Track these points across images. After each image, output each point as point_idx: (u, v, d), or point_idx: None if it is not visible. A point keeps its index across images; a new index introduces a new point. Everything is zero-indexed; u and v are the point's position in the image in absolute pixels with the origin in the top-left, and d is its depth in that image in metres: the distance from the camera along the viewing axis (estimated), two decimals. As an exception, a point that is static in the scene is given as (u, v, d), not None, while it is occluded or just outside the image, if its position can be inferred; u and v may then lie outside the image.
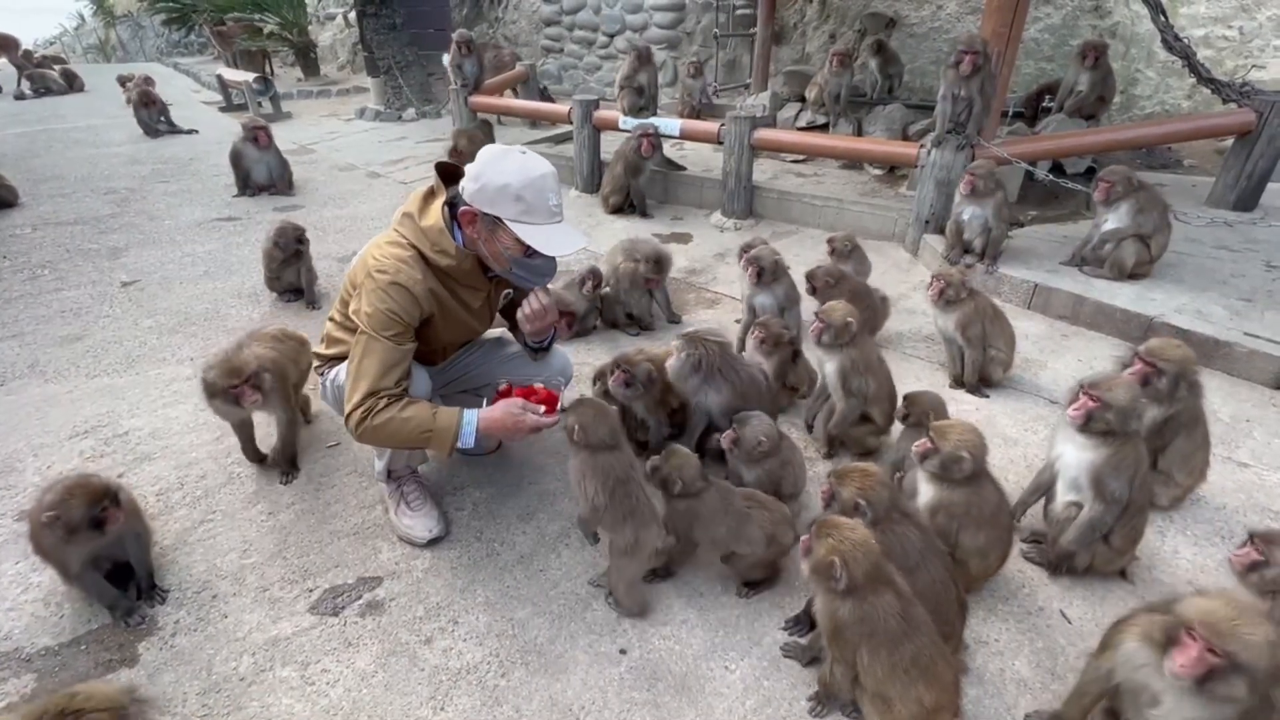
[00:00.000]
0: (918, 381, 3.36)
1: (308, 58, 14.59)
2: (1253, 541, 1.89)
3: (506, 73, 8.64)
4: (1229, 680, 1.37)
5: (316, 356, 2.56)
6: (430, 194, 2.24)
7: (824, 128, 7.05)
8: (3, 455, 2.99)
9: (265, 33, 14.09)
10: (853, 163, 6.58)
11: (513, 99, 8.37)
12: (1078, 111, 5.75)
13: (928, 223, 4.87)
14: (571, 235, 2.15)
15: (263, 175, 6.80)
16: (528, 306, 2.37)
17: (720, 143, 5.78)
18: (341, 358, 2.36)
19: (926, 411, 2.52)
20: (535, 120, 8.82)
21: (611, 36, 10.82)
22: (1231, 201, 5.21)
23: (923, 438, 2.14)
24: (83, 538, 2.05)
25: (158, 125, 9.61)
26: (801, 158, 6.96)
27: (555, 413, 2.22)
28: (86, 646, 2.12)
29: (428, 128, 10.13)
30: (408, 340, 2.16)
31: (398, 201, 5.09)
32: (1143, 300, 3.87)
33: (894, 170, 6.22)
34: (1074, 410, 2.16)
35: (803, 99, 7.47)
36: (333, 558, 2.45)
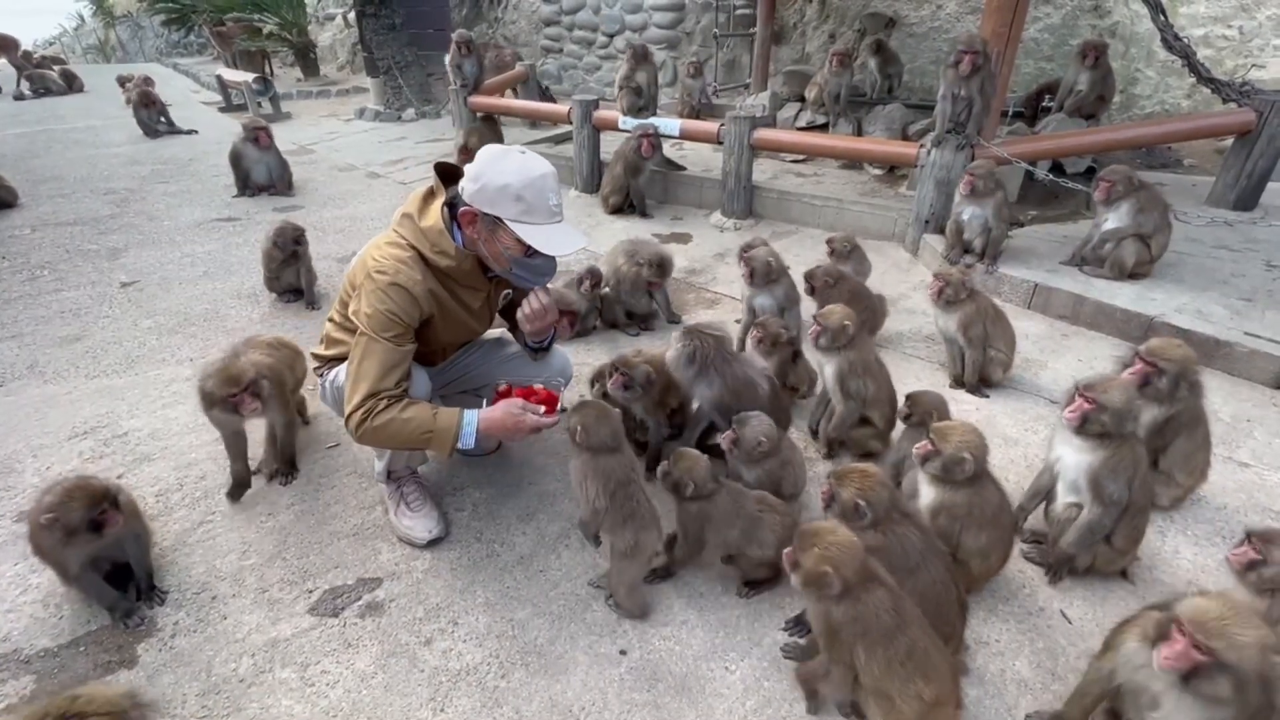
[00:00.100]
0: (918, 381, 3.35)
1: (307, 58, 14.59)
2: (1250, 540, 1.89)
3: (506, 73, 8.64)
4: (1214, 679, 1.38)
5: (315, 357, 2.55)
6: (430, 194, 2.24)
7: (824, 128, 7.04)
8: (2, 456, 2.98)
9: (265, 33, 14.08)
10: (852, 163, 6.58)
11: (513, 99, 8.37)
12: (1077, 111, 5.74)
13: (928, 223, 4.87)
14: (571, 235, 2.15)
15: (262, 176, 6.80)
16: (527, 306, 2.37)
17: (720, 143, 5.77)
18: (341, 359, 2.36)
19: (929, 411, 2.52)
20: (535, 120, 8.82)
21: (611, 36, 10.81)
22: (1231, 201, 5.21)
23: (924, 438, 2.14)
24: (82, 539, 2.05)
25: (157, 126, 9.61)
26: (801, 158, 6.95)
27: (555, 413, 2.22)
28: (85, 648, 2.12)
29: (427, 128, 10.13)
30: (407, 341, 2.15)
31: (397, 202, 5.08)
32: (1143, 300, 3.87)
33: (894, 170, 6.22)
34: (1070, 412, 2.16)
35: (802, 99, 7.47)
36: (332, 559, 2.45)
